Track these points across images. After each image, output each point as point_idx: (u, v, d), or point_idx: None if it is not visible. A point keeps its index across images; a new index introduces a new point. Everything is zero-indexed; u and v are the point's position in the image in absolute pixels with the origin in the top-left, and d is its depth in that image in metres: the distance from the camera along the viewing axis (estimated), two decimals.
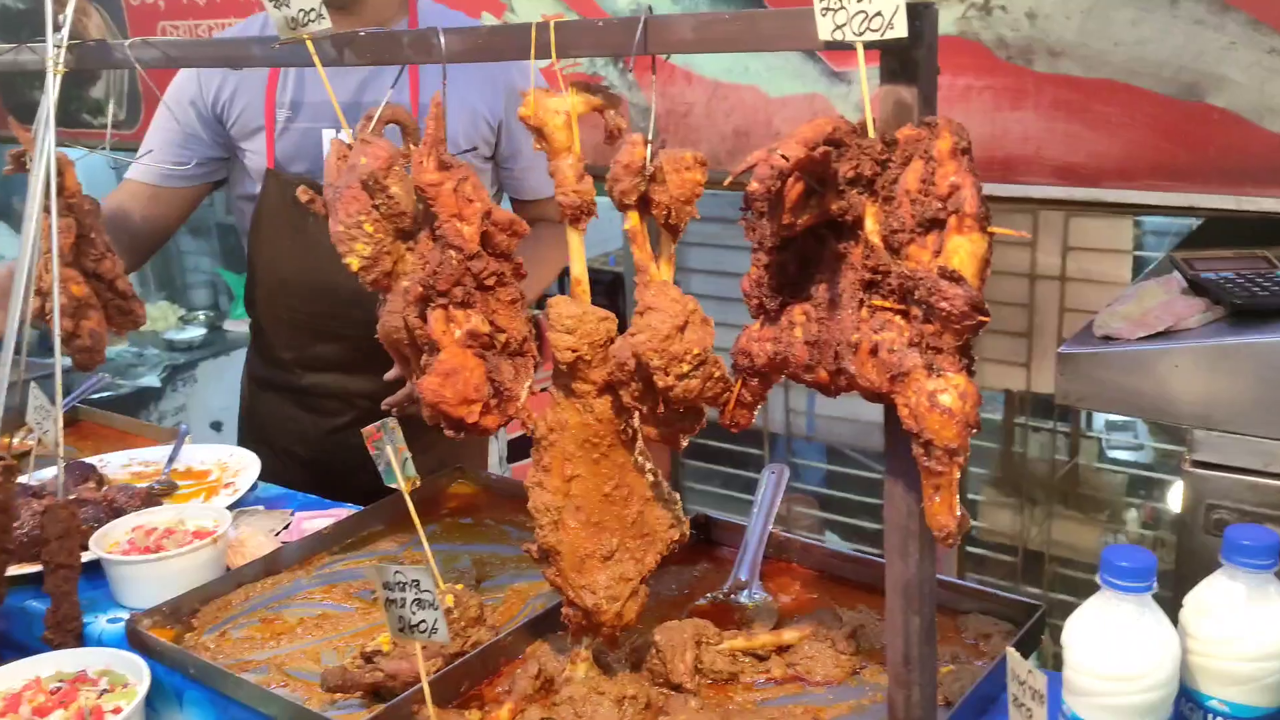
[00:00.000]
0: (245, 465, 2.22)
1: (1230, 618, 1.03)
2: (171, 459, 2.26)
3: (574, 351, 1.28)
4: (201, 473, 2.25)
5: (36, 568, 1.78)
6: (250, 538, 1.90)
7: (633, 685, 1.41)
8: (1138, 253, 3.08)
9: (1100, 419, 3.57)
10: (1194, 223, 2.43)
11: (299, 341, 2.50)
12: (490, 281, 1.35)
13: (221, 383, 5.86)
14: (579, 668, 1.43)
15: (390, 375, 2.28)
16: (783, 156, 0.91)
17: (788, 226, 0.98)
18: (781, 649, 1.49)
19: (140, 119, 3.76)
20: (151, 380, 5.92)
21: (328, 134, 2.33)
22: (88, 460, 2.22)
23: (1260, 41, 1.94)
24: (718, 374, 1.19)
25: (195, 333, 6.16)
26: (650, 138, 1.15)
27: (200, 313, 6.45)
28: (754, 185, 0.94)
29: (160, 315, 6.09)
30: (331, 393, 2.51)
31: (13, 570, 1.73)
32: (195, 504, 2.01)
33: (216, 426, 5.50)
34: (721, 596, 1.68)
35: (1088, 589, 1.13)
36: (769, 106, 2.63)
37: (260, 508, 2.11)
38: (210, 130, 2.36)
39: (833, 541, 4.29)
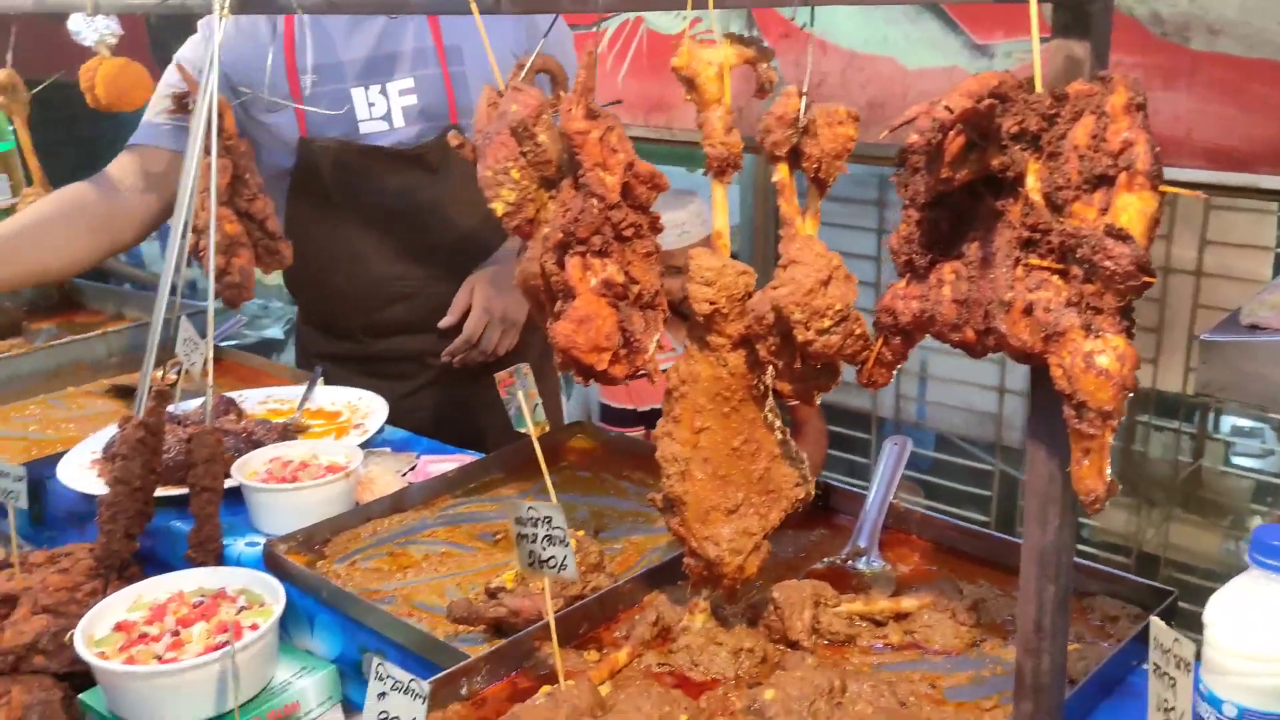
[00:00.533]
0: (374, 409, 2.29)
1: None
2: (305, 399, 2.35)
3: (712, 304, 1.29)
4: (332, 413, 2.34)
5: (181, 490, 1.87)
6: (379, 476, 1.97)
7: (749, 639, 1.42)
8: None
9: (1228, 422, 3.44)
10: None
11: (362, 308, 2.53)
12: (628, 233, 1.36)
13: None
14: (696, 618, 1.45)
15: (445, 322, 2.32)
16: (946, 108, 0.90)
17: (945, 181, 0.97)
18: (900, 616, 1.49)
19: None
20: (275, 332, 6.14)
21: (357, 93, 2.36)
22: (228, 395, 2.32)
23: None
24: (859, 331, 1.19)
25: None
26: (805, 90, 1.15)
27: None
28: (914, 137, 0.94)
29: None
30: (401, 356, 2.56)
31: (160, 492, 1.83)
32: (328, 441, 2.09)
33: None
34: (839, 562, 1.68)
35: (1202, 595, 1.10)
36: (906, 78, 2.59)
37: (387, 449, 2.19)
38: (237, 106, 2.39)
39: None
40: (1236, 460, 3.55)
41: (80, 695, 1.58)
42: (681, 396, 1.36)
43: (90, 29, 2.12)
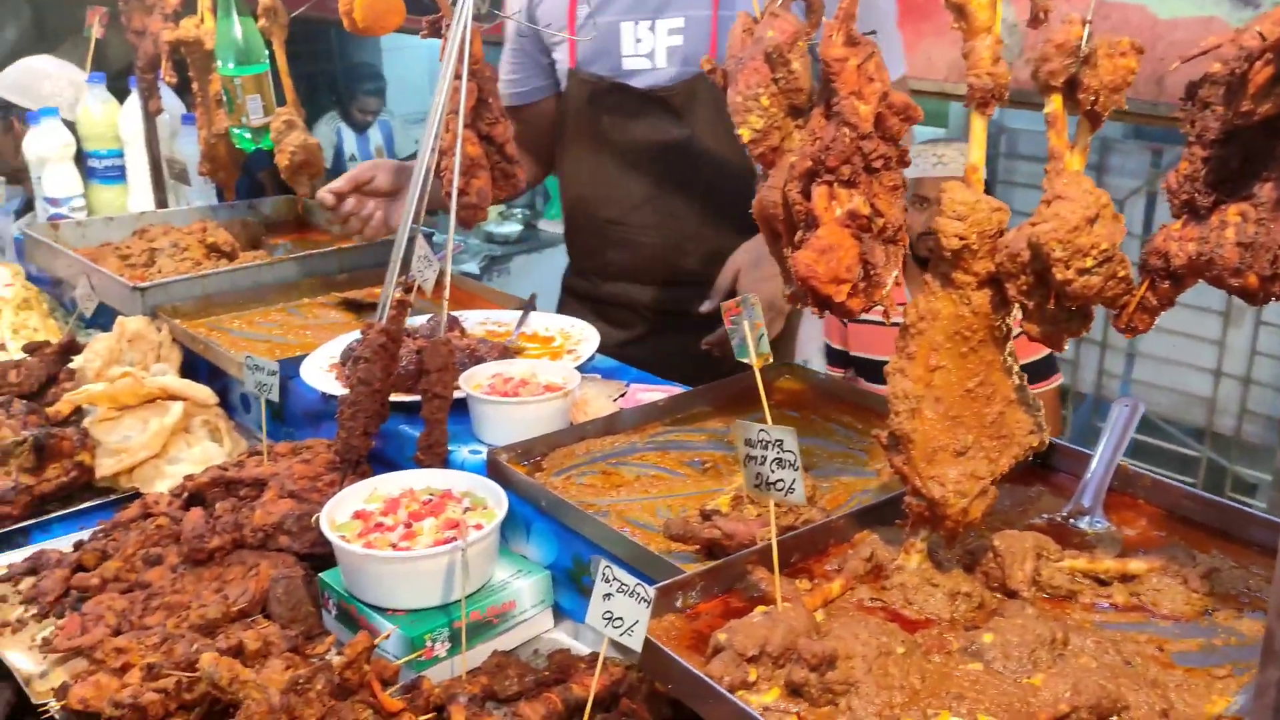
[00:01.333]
0: (586, 336, 2.36)
1: None
2: (521, 322, 2.44)
3: (961, 239, 1.27)
4: (546, 338, 2.42)
5: (410, 398, 1.98)
6: (594, 398, 2.03)
7: (966, 583, 1.41)
8: None
9: None
10: None
11: (597, 247, 2.58)
12: (877, 164, 1.35)
13: (529, 278, 6.23)
14: (912, 558, 1.45)
15: (705, 307, 2.23)
16: (1259, 34, 0.86)
17: (1245, 115, 0.92)
18: (1126, 578, 1.44)
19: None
20: (471, 268, 6.37)
21: (626, 27, 2.36)
22: (452, 314, 2.43)
23: None
24: (1122, 274, 1.15)
25: (513, 228, 6.56)
26: (1089, 18, 1.11)
27: (518, 210, 6.85)
28: (1216, 66, 0.90)
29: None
30: (623, 302, 2.59)
31: (391, 398, 1.94)
32: (546, 361, 2.16)
33: None
34: (1060, 519, 1.63)
35: None
36: (1156, 28, 2.45)
37: (597, 376, 2.25)
38: (531, 41, 2.46)
39: None
40: None
41: (320, 574, 1.71)
42: (919, 333, 1.34)
43: None
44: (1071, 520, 1.62)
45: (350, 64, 7.06)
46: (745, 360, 1.64)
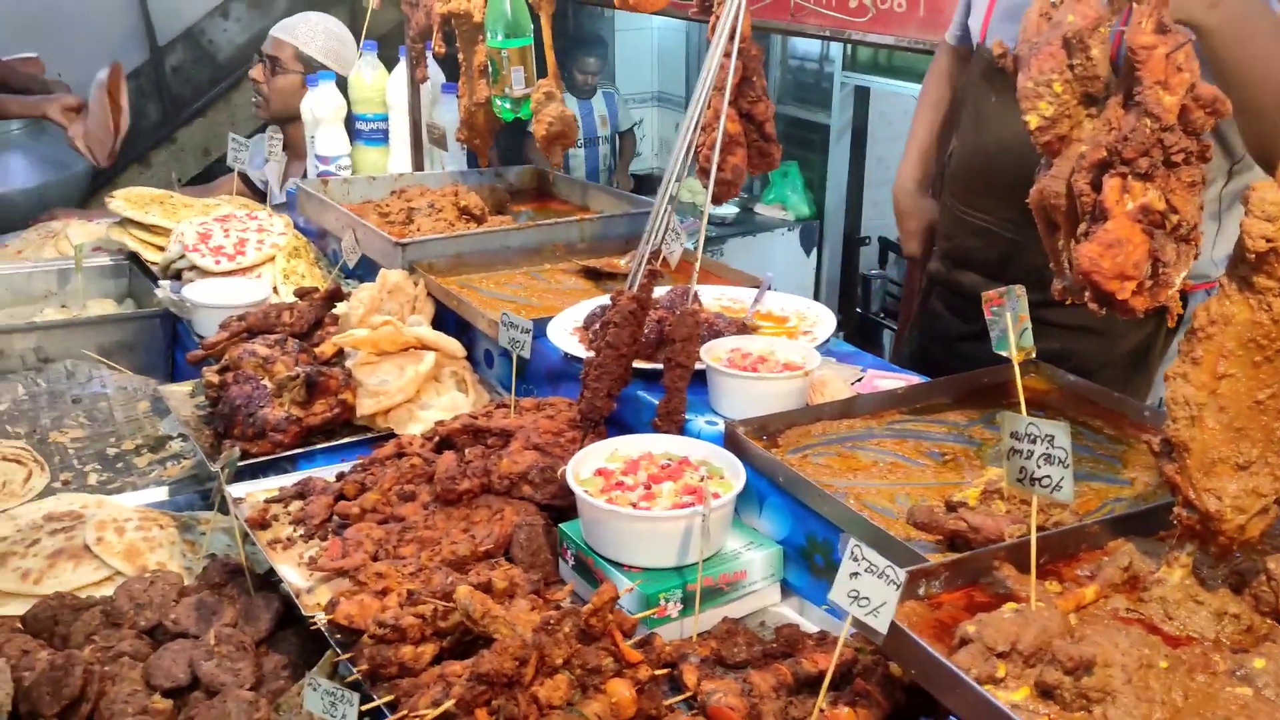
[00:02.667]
0: (823, 319, 2.36)
1: None
2: (757, 300, 2.46)
3: (1269, 241, 1.20)
4: (781, 318, 2.43)
5: (650, 365, 2.03)
6: (831, 381, 2.03)
7: (1234, 604, 1.34)
8: None
9: None
10: None
11: (952, 231, 2.48)
12: (1177, 158, 1.29)
13: (741, 258, 6.23)
14: (1175, 572, 1.38)
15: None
16: None
17: None
18: None
19: None
20: (687, 245, 6.44)
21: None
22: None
23: None
24: None
25: (729, 210, 6.57)
26: None
27: None
28: None
29: (700, 189, 6.61)
30: (967, 293, 2.37)
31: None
32: (784, 339, 2.17)
33: None
34: None
35: None
36: None
37: (833, 359, 2.24)
38: None
39: None
40: None
41: (560, 525, 1.78)
42: (1207, 338, 1.28)
43: None
44: None
45: (573, 27, 7.21)
46: (1004, 353, 1.61)
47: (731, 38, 1.89)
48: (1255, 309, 1.24)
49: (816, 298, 6.63)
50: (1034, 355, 1.58)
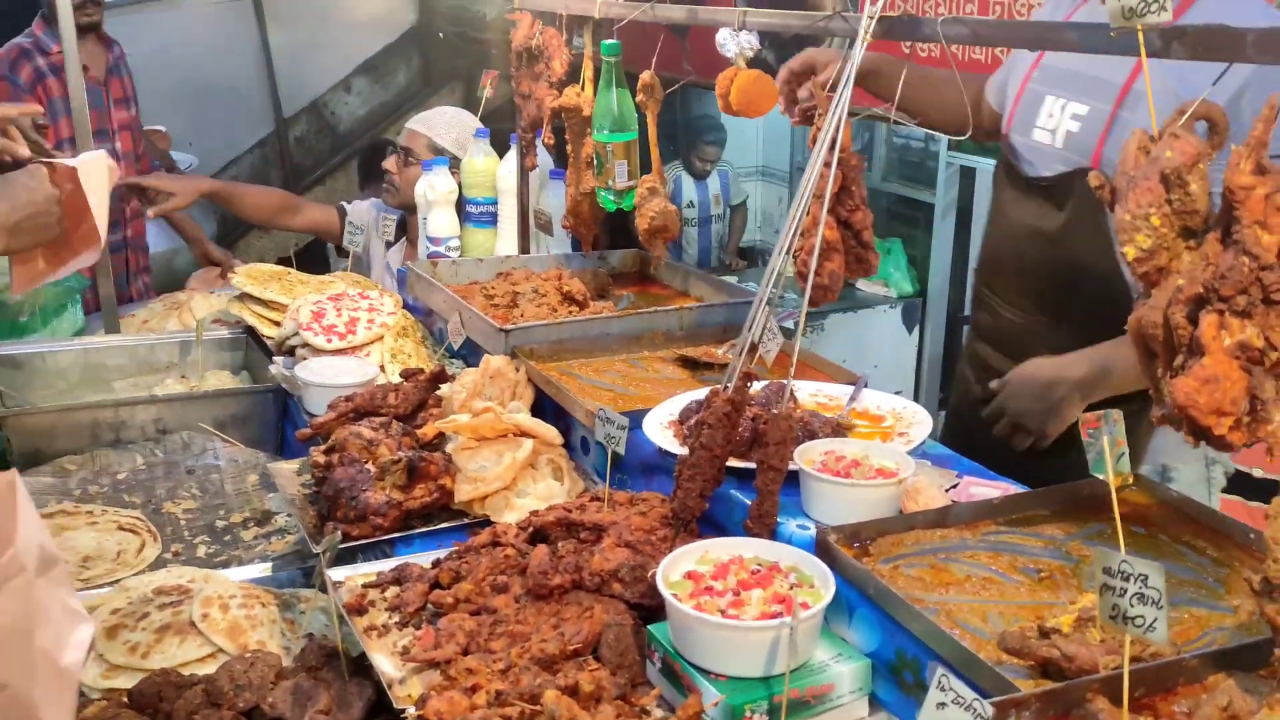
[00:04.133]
0: (919, 420, 2.35)
1: None
2: (853, 398, 2.46)
3: None
4: (877, 417, 2.42)
5: (744, 464, 2.06)
6: (926, 488, 2.02)
7: None
8: None
9: None
10: None
11: (975, 306, 2.74)
12: (1277, 296, 1.28)
13: (842, 335, 6.23)
14: (1276, 714, 1.34)
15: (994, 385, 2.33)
16: None
17: None
18: None
19: None
20: (786, 323, 6.46)
21: (1048, 99, 2.38)
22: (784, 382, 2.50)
23: None
24: None
25: None
26: None
27: None
28: None
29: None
30: (981, 363, 2.68)
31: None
32: (879, 443, 2.18)
33: None
34: None
35: None
36: None
37: (928, 462, 2.23)
38: None
39: None
40: None
41: (649, 626, 1.80)
42: None
43: (734, 42, 2.37)
44: None
45: (693, 116, 7.40)
46: (1101, 476, 1.59)
47: (831, 148, 1.93)
48: None
49: (918, 376, 6.61)
50: (1132, 480, 1.56)
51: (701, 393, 2.12)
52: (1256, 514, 3.14)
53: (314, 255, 5.77)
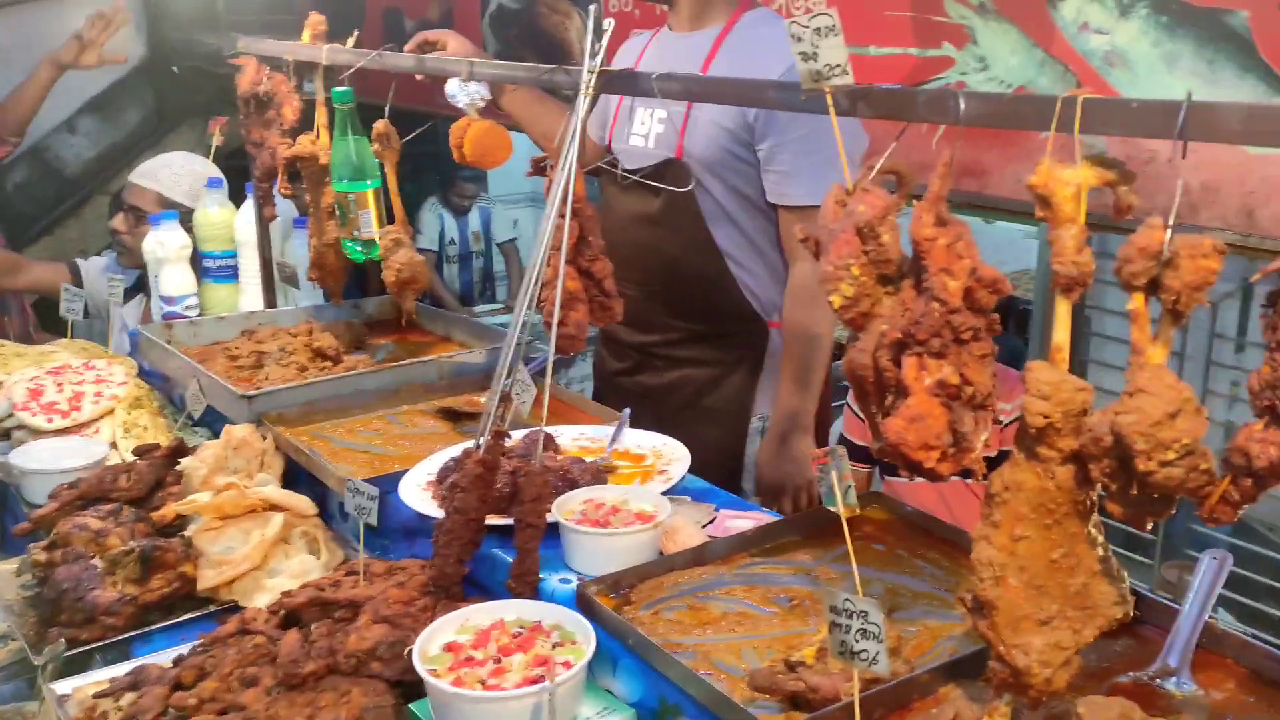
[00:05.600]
0: (679, 457, 2.40)
1: None
2: (614, 439, 2.49)
3: (1046, 418, 1.29)
4: (638, 456, 2.46)
5: (504, 521, 2.04)
6: (683, 528, 2.07)
7: None
8: None
9: None
10: None
11: None
12: (966, 335, 1.39)
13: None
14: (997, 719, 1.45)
15: None
16: None
17: None
18: None
19: None
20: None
21: (639, 110, 2.93)
22: (548, 429, 2.50)
23: None
24: (1204, 466, 1.16)
25: None
26: (1170, 221, 1.14)
27: None
28: None
29: None
30: (613, 339, 3.15)
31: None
32: (636, 486, 2.21)
33: None
34: (1145, 679, 1.62)
35: None
36: (1247, 163, 2.45)
37: (687, 498, 2.29)
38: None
39: (1226, 621, 3.94)
40: None
41: (410, 705, 1.76)
42: (1003, 503, 1.36)
43: (464, 93, 2.36)
44: (1158, 681, 1.61)
45: (447, 150, 7.34)
46: (833, 509, 1.68)
47: (565, 200, 1.95)
48: (1042, 477, 1.33)
49: None
50: (859, 511, 1.65)
51: (460, 449, 2.09)
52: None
53: (54, 315, 5.34)
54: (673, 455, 2.40)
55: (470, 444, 1.99)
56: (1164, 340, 1.21)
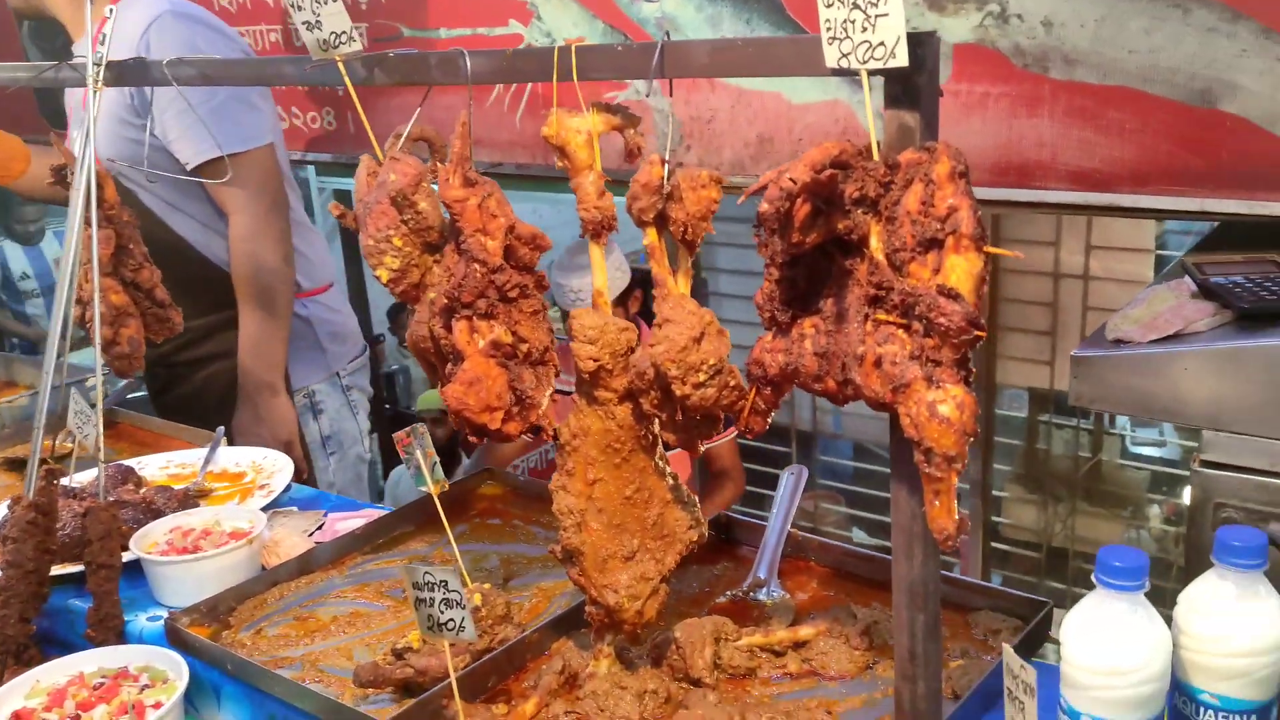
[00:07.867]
0: (280, 468, 2.28)
1: (1221, 615, 1.08)
2: (207, 461, 2.33)
3: (595, 361, 1.33)
4: (237, 475, 2.32)
5: (78, 568, 1.84)
6: (285, 538, 1.96)
7: (653, 680, 1.46)
8: (1160, 252, 3.10)
9: (1123, 418, 3.58)
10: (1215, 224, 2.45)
11: None
12: (513, 293, 1.40)
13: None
14: (601, 664, 1.48)
15: None
16: (791, 180, 0.96)
17: (796, 244, 1.02)
18: (798, 645, 1.54)
19: None
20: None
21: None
22: (126, 463, 2.29)
23: (1271, 49, 1.96)
24: (733, 383, 1.24)
25: None
26: (666, 157, 1.20)
27: None
28: (764, 206, 0.99)
29: None
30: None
31: (55, 570, 1.80)
32: (231, 505, 2.07)
33: None
34: (740, 594, 1.72)
35: None
36: (791, 113, 2.67)
37: (294, 509, 2.18)
38: None
39: (859, 537, 4.33)
40: (1135, 450, 3.71)
41: None
42: (574, 450, 1.39)
43: None
44: (751, 594, 1.72)
45: None
46: (424, 489, 1.65)
47: (89, 205, 1.78)
48: (604, 419, 1.37)
49: None
50: (448, 488, 1.63)
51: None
52: None
53: None
54: (274, 467, 2.28)
55: (19, 493, 1.77)
56: (684, 271, 1.28)
